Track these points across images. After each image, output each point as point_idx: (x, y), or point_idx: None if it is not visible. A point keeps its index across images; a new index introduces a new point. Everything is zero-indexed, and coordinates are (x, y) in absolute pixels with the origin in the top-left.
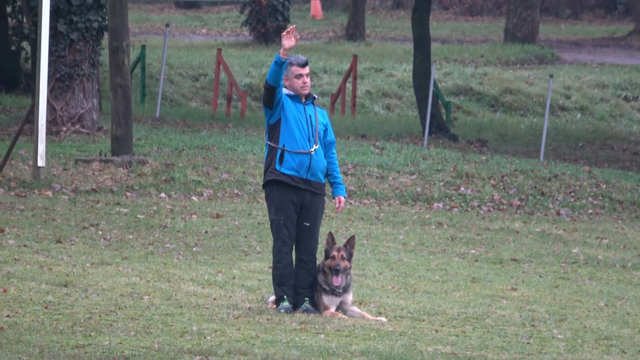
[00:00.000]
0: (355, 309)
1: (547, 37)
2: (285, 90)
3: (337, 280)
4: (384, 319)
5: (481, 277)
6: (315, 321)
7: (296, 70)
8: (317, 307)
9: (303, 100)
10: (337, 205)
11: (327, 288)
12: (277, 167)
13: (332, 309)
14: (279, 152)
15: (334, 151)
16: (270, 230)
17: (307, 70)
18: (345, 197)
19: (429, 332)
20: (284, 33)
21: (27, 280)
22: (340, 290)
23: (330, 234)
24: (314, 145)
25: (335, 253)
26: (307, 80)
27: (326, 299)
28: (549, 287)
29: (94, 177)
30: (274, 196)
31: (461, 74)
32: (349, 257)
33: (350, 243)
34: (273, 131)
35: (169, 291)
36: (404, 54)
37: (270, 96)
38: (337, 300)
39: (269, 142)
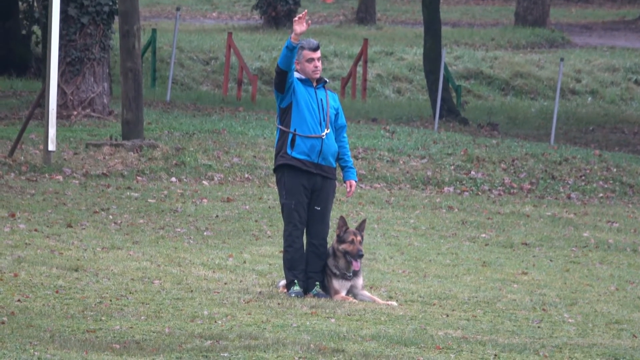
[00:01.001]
0: (366, 293)
1: (558, 21)
2: (296, 74)
3: (357, 265)
4: (394, 303)
5: (492, 261)
6: (326, 305)
7: (308, 54)
8: (328, 291)
9: (314, 84)
10: (347, 190)
11: (338, 272)
12: (289, 151)
13: (343, 293)
14: (290, 136)
15: (345, 135)
16: (281, 215)
17: (318, 54)
18: (356, 181)
19: (440, 316)
20: (296, 18)
21: (38, 265)
22: (351, 274)
23: (342, 218)
24: (325, 129)
25: (353, 237)
26: (319, 64)
27: (336, 283)
28: (559, 271)
29: (104, 161)
30: (284, 180)
31: (472, 57)
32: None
33: (361, 227)
34: (284, 115)
35: (179, 275)
36: (415, 37)
37: (281, 80)
38: (348, 284)
39: (280, 126)
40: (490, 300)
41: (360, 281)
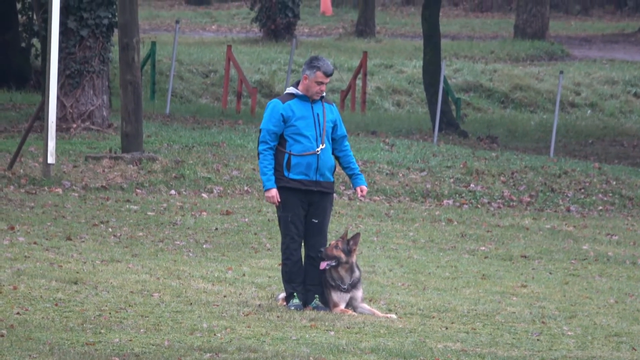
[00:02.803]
0: (365, 305)
1: (557, 34)
2: (292, 90)
3: (322, 265)
4: (393, 316)
5: (491, 273)
6: (325, 318)
7: (320, 77)
8: (327, 303)
9: (311, 99)
10: (359, 194)
11: (333, 283)
12: (285, 173)
13: (342, 306)
14: (286, 156)
15: (347, 143)
16: (279, 227)
17: (328, 80)
18: (366, 186)
19: (439, 329)
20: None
21: (37, 278)
22: (345, 287)
23: (345, 231)
24: (321, 145)
25: (332, 242)
26: (324, 88)
27: (335, 296)
28: (559, 283)
29: (104, 174)
30: (281, 194)
31: (471, 70)
32: (347, 251)
33: (354, 239)
34: (281, 136)
35: (179, 288)
36: (414, 50)
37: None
38: (347, 296)
39: (277, 146)
40: (489, 312)
41: (359, 294)
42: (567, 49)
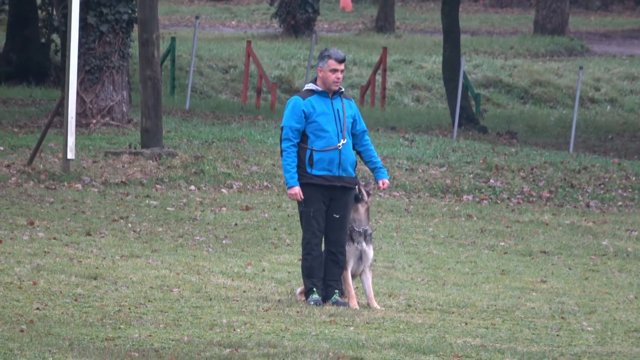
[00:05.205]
0: (370, 278)
1: (577, 29)
2: (312, 86)
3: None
4: (377, 307)
5: (511, 269)
6: (344, 313)
7: (333, 64)
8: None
9: (330, 94)
10: (381, 188)
11: (351, 228)
12: (309, 170)
13: (351, 264)
14: (308, 152)
15: (367, 138)
16: (299, 223)
17: (342, 66)
18: (388, 179)
19: (459, 325)
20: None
21: (57, 273)
22: (360, 230)
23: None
24: (342, 140)
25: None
26: (341, 76)
27: (347, 249)
28: (578, 279)
29: (123, 170)
30: (303, 189)
31: (491, 65)
32: (367, 193)
33: (367, 186)
34: (302, 133)
35: (198, 284)
36: (434, 45)
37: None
38: (358, 248)
39: (299, 143)
40: (509, 308)
41: (371, 253)
42: (587, 45)
